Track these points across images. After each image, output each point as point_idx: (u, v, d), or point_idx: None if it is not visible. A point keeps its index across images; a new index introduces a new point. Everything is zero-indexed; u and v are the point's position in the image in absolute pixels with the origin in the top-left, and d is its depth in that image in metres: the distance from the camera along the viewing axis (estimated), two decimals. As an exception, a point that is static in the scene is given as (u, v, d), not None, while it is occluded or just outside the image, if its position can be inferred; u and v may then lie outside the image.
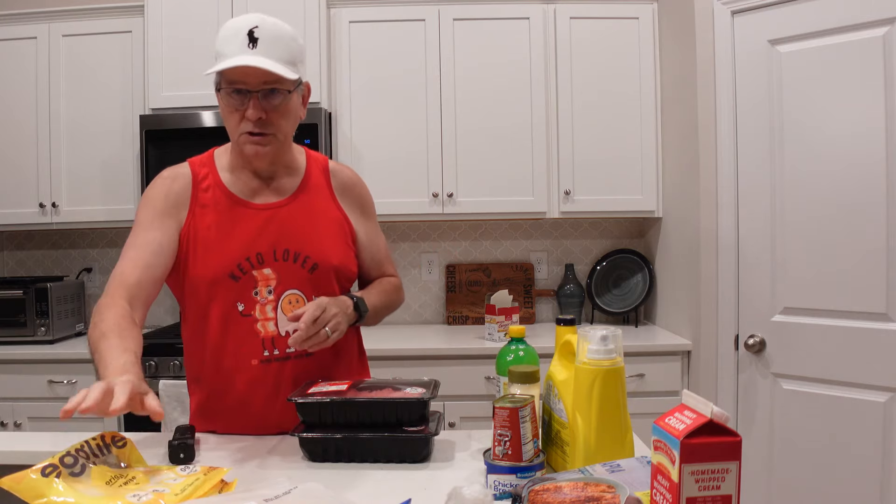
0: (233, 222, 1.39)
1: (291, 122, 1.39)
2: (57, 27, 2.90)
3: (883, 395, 2.06)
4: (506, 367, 1.26)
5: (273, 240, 1.39)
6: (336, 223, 1.48)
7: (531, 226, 3.23)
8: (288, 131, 1.39)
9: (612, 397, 1.05)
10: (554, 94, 2.88)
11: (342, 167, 1.55)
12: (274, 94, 1.31)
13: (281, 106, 1.33)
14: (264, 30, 1.29)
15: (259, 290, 1.38)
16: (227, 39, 1.30)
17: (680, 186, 2.71)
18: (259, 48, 1.28)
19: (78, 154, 2.92)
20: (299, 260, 1.41)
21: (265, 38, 1.28)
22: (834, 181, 2.14)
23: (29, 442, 1.37)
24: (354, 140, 2.88)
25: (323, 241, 1.43)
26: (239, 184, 1.42)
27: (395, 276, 1.63)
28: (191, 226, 1.38)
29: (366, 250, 1.55)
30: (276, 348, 1.39)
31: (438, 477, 1.15)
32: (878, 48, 2.04)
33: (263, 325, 1.39)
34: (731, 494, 0.78)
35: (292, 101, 1.36)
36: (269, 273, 1.39)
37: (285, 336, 1.39)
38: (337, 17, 2.87)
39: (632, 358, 2.55)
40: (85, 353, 2.65)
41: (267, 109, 1.32)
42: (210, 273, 1.36)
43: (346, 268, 1.47)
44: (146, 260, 1.32)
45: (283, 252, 1.40)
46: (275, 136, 1.35)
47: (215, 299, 1.38)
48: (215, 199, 1.40)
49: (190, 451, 1.23)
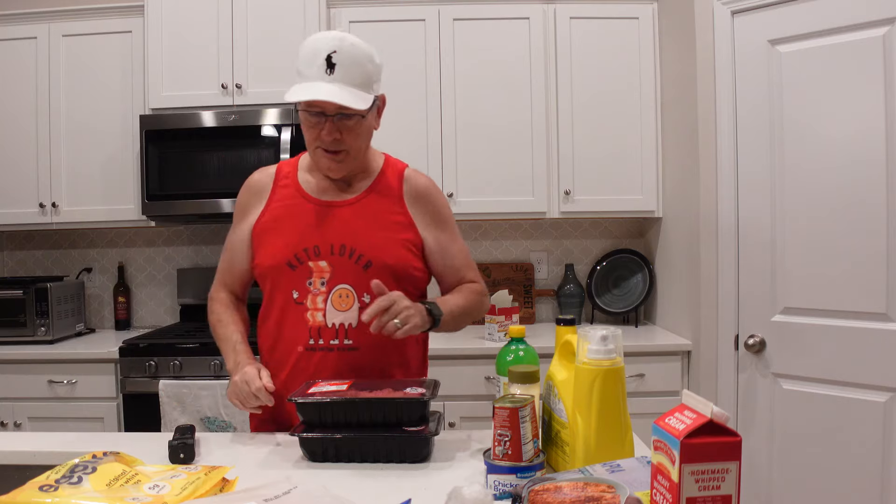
0: (297, 215, 1.49)
1: (365, 139, 1.48)
2: (57, 27, 2.90)
3: (883, 395, 2.06)
4: (506, 367, 1.26)
5: (331, 234, 1.47)
6: (399, 227, 1.50)
7: (531, 226, 3.23)
8: (361, 147, 1.48)
9: (612, 397, 1.05)
10: (554, 94, 2.88)
11: (418, 175, 1.58)
12: (349, 116, 1.40)
13: (355, 127, 1.42)
14: (342, 54, 1.36)
15: (313, 281, 1.46)
16: (308, 61, 1.38)
17: (680, 186, 2.71)
18: (336, 74, 1.36)
19: (78, 154, 2.92)
20: (354, 256, 1.46)
21: (343, 63, 1.36)
22: (834, 181, 2.14)
23: (29, 442, 1.37)
24: (354, 140, 2.88)
25: (381, 242, 1.47)
26: (312, 183, 1.53)
27: (476, 282, 1.61)
28: (263, 217, 1.52)
29: (437, 258, 1.55)
30: (321, 338, 1.45)
31: (438, 477, 1.15)
32: (878, 48, 2.04)
33: (313, 315, 1.46)
34: (731, 494, 0.78)
35: (366, 121, 1.45)
36: (325, 266, 1.46)
37: (331, 327, 1.45)
38: (337, 17, 2.87)
39: (632, 358, 2.55)
40: (85, 352, 2.67)
41: (342, 130, 1.41)
42: (271, 260, 1.48)
43: (406, 271, 1.49)
44: (231, 262, 1.59)
45: (340, 247, 1.46)
46: (347, 153, 1.45)
47: (276, 286, 1.49)
48: (289, 194, 1.52)
49: (190, 450, 1.23)
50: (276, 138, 2.74)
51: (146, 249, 3.28)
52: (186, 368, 2.58)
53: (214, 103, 2.82)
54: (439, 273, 1.57)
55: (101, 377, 2.64)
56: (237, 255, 1.56)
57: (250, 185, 1.57)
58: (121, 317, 3.19)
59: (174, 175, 2.79)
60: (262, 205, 1.53)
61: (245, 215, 1.55)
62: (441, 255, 1.55)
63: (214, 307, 1.59)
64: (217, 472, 1.05)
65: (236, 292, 1.61)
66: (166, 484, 0.99)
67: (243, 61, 2.80)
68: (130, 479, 1.00)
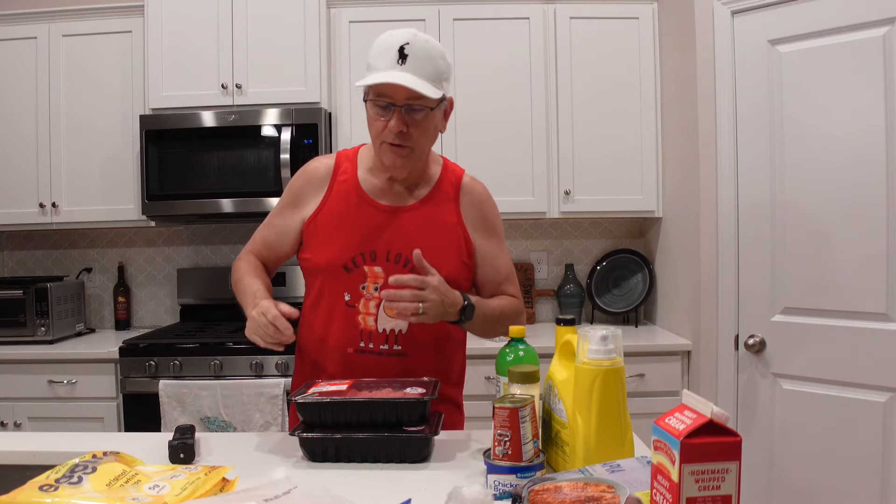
0: (356, 217, 1.48)
1: (430, 137, 1.45)
2: (57, 27, 2.90)
3: (883, 395, 2.06)
4: (506, 367, 1.26)
5: (388, 241, 1.46)
6: (454, 236, 1.50)
7: (531, 226, 3.23)
8: (425, 146, 1.46)
9: (612, 397, 1.05)
10: (554, 94, 2.88)
11: (475, 183, 1.57)
12: (417, 109, 1.38)
13: (422, 121, 1.40)
14: (415, 47, 1.35)
15: (367, 286, 1.46)
16: (380, 54, 1.37)
17: (680, 186, 2.71)
18: (408, 65, 1.35)
19: (78, 154, 2.92)
20: (409, 266, 1.44)
21: (415, 55, 1.35)
22: (834, 181, 2.14)
23: (29, 442, 1.37)
24: (354, 140, 2.87)
25: (436, 252, 1.45)
26: (371, 183, 1.50)
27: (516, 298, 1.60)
28: (320, 212, 1.49)
29: (484, 267, 1.55)
30: (371, 342, 1.47)
31: (438, 477, 1.15)
32: (878, 48, 2.04)
33: (364, 319, 1.47)
34: (731, 494, 0.78)
35: (434, 118, 1.42)
36: (379, 271, 1.46)
37: (381, 333, 1.46)
38: (337, 17, 2.87)
39: (632, 358, 2.55)
40: (84, 352, 2.66)
41: (409, 123, 1.39)
42: (326, 260, 1.47)
43: (456, 282, 1.47)
44: (271, 243, 1.56)
45: (396, 255, 1.46)
46: (412, 150, 1.42)
47: (328, 284, 1.49)
48: (347, 191, 1.50)
49: (189, 450, 1.23)
50: (276, 138, 2.74)
51: (146, 249, 3.28)
52: (186, 368, 2.58)
53: (214, 103, 2.82)
54: (481, 283, 1.57)
55: (101, 377, 2.64)
56: (281, 240, 1.54)
57: (308, 173, 1.54)
58: (121, 317, 3.19)
59: (174, 175, 2.79)
60: (320, 198, 1.50)
61: (298, 203, 1.52)
62: (487, 264, 1.54)
63: (240, 265, 1.54)
64: (217, 472, 1.05)
65: (267, 266, 1.58)
66: (166, 484, 0.99)
67: (243, 61, 2.80)
68: (130, 479, 1.00)
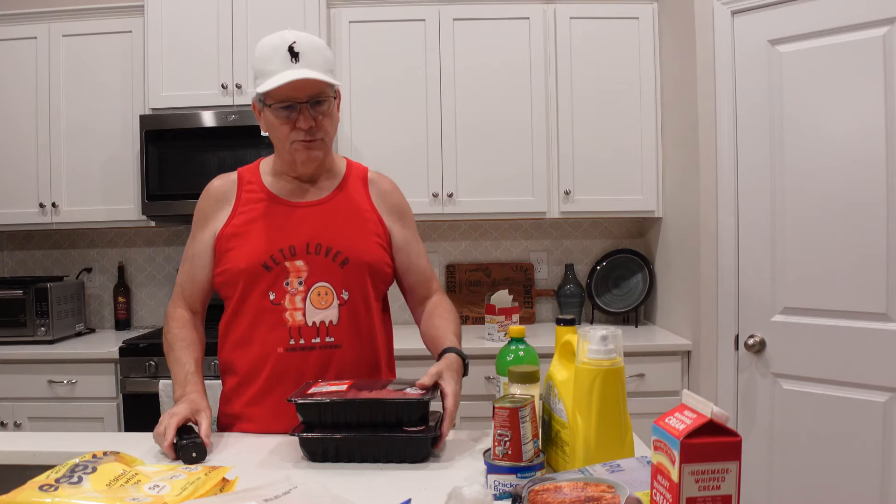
0: (270, 217, 1.49)
1: (335, 125, 1.49)
2: (57, 27, 2.90)
3: (883, 395, 2.06)
4: (506, 367, 1.26)
5: (306, 234, 1.47)
6: (371, 224, 1.53)
7: (531, 226, 3.23)
8: (332, 134, 1.49)
9: (612, 397, 1.05)
10: (554, 94, 2.88)
11: (381, 176, 1.62)
12: (321, 101, 1.41)
13: (328, 111, 1.44)
14: (302, 44, 1.38)
15: (290, 281, 1.45)
16: (268, 58, 1.38)
17: (680, 186, 2.71)
18: (302, 62, 1.37)
19: (78, 154, 2.92)
20: (331, 254, 1.47)
21: (306, 52, 1.37)
22: (834, 181, 2.14)
23: (29, 442, 1.37)
24: (354, 140, 2.88)
25: (356, 239, 1.49)
26: (279, 185, 1.52)
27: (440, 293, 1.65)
28: (231, 223, 1.49)
29: (402, 255, 1.58)
30: (301, 337, 1.45)
31: (438, 477, 1.15)
32: (878, 48, 2.04)
33: (292, 315, 1.45)
34: (731, 494, 0.78)
35: (335, 106, 1.47)
36: (301, 265, 1.46)
37: (311, 326, 1.45)
38: (337, 17, 2.87)
39: (632, 358, 2.55)
40: (84, 352, 2.67)
41: (315, 117, 1.42)
42: (245, 263, 1.46)
43: (380, 268, 1.52)
44: (193, 273, 1.53)
45: (316, 246, 1.47)
46: (323, 141, 1.46)
47: (249, 288, 1.47)
48: (255, 199, 1.51)
49: (201, 449, 1.23)
50: (276, 138, 2.74)
51: (146, 249, 3.28)
52: (186, 368, 2.58)
53: (214, 103, 2.82)
54: (403, 270, 1.59)
55: (101, 377, 2.64)
56: (199, 265, 1.52)
57: (211, 193, 1.54)
58: (121, 317, 3.19)
59: (174, 175, 2.79)
60: (228, 211, 1.51)
61: (207, 223, 1.52)
62: (406, 251, 1.58)
63: (172, 326, 1.51)
64: (217, 472, 1.05)
65: (195, 307, 1.55)
66: (166, 484, 0.99)
67: (243, 61, 2.80)
68: (130, 479, 1.00)
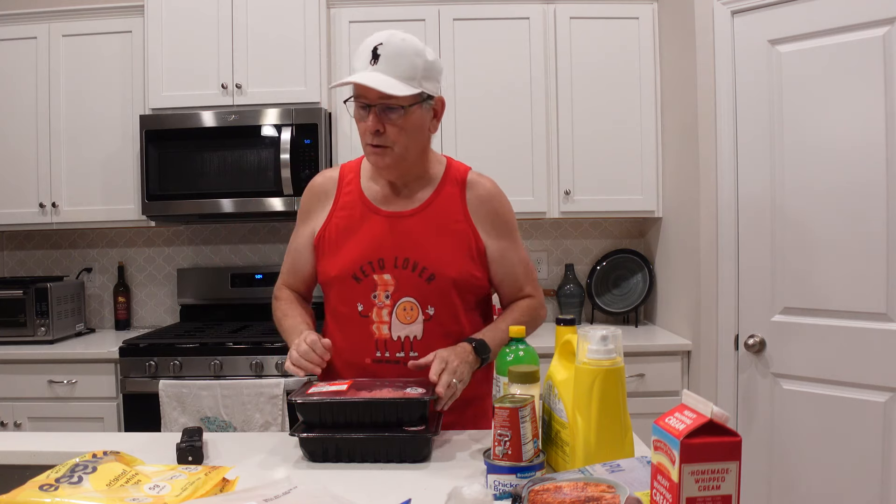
0: (362, 226, 1.49)
1: (411, 136, 1.42)
2: (57, 27, 2.90)
3: (883, 395, 2.06)
4: (506, 367, 1.26)
5: (395, 247, 1.47)
6: (461, 236, 1.49)
7: (531, 226, 3.23)
8: (407, 145, 1.42)
9: (612, 397, 1.05)
10: (554, 94, 2.88)
11: (481, 179, 1.54)
12: (391, 108, 1.38)
13: (398, 121, 1.39)
14: (388, 46, 1.36)
15: (377, 294, 1.47)
16: (358, 55, 1.39)
17: (680, 186, 2.71)
18: (379, 65, 1.35)
19: (78, 154, 2.92)
20: (417, 269, 1.46)
21: (386, 55, 1.35)
22: (834, 181, 2.14)
23: (29, 442, 1.37)
24: (354, 140, 2.87)
25: (443, 254, 1.46)
26: (374, 190, 1.52)
27: (532, 297, 1.60)
28: (328, 225, 1.52)
29: (497, 266, 1.53)
30: (387, 350, 1.47)
31: (438, 477, 1.15)
32: (878, 48, 2.04)
33: (378, 328, 1.47)
34: (731, 494, 0.78)
35: (412, 116, 1.40)
36: (388, 279, 1.47)
37: (396, 340, 1.47)
38: (337, 17, 2.87)
39: (632, 358, 2.55)
40: (84, 352, 2.66)
41: (384, 122, 1.39)
42: (336, 271, 1.49)
43: (468, 281, 1.49)
44: (294, 266, 1.60)
45: (404, 261, 1.47)
46: (391, 149, 1.41)
47: (341, 297, 1.50)
48: (352, 202, 1.52)
49: (198, 453, 1.23)
50: (276, 138, 2.74)
51: (146, 249, 3.28)
52: (186, 368, 2.58)
53: (214, 103, 2.82)
54: (498, 281, 1.56)
55: (101, 377, 2.64)
56: (301, 259, 1.57)
57: (314, 189, 1.57)
58: (121, 317, 3.19)
59: (174, 175, 2.79)
60: (327, 211, 1.53)
61: (308, 219, 1.56)
62: (501, 263, 1.53)
63: (279, 304, 1.59)
64: (217, 472, 1.05)
65: (300, 291, 1.62)
66: (166, 484, 0.99)
67: (243, 61, 2.80)
68: (130, 479, 1.00)
